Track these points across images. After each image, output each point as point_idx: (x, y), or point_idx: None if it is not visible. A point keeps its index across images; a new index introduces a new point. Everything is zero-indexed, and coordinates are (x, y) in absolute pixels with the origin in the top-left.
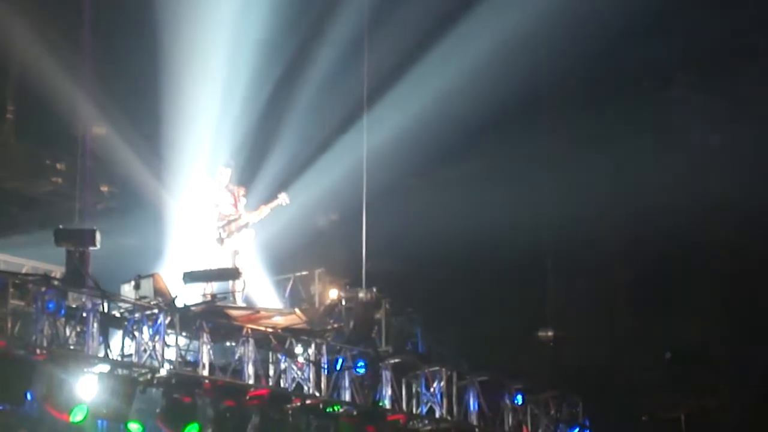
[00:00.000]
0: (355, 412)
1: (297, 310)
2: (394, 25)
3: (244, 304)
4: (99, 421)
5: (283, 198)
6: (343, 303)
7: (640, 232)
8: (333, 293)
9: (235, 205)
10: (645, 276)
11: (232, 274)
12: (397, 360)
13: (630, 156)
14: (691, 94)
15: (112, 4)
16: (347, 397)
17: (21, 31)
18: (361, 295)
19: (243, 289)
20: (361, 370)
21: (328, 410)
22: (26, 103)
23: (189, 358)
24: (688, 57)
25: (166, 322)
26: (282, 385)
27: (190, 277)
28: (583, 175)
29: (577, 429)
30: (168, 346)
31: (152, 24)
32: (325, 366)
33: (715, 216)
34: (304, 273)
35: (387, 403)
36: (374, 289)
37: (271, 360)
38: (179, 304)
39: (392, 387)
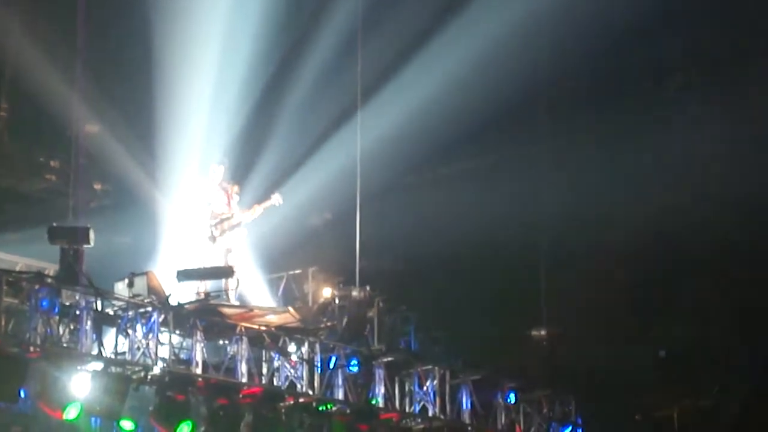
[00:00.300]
0: (348, 411)
1: (290, 309)
2: (390, 21)
3: (237, 303)
4: (92, 419)
5: (276, 198)
6: (337, 301)
7: (640, 232)
8: (326, 292)
9: (228, 204)
10: (644, 276)
11: (226, 272)
12: (390, 358)
13: (630, 156)
14: (691, 94)
15: (105, 2)
16: (340, 395)
17: (14, 29)
18: (354, 293)
19: (236, 287)
20: (354, 369)
21: (321, 408)
22: (19, 101)
23: (182, 356)
24: (688, 57)
25: (160, 320)
26: (275, 383)
27: (184, 275)
28: (584, 175)
29: (570, 428)
30: (161, 344)
31: (145, 22)
32: (318, 364)
33: (715, 216)
34: (297, 271)
35: (380, 402)
36: (367, 288)
37: (264, 358)
38: (173, 302)
39: (385, 385)
